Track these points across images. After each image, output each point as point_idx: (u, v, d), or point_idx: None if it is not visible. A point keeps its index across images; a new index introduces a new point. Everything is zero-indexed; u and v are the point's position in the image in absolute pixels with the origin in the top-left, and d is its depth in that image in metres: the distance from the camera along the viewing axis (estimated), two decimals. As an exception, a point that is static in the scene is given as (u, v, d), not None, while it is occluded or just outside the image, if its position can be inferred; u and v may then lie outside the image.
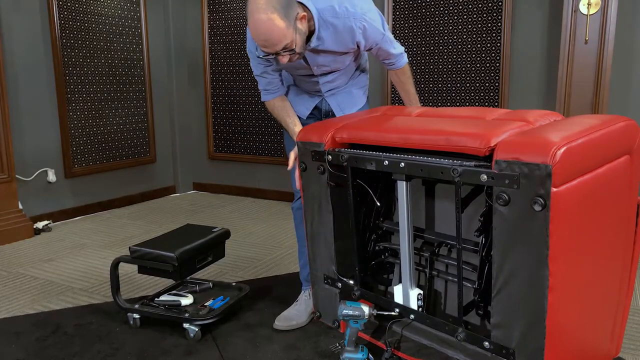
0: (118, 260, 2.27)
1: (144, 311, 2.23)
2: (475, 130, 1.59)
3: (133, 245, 2.23)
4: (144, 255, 2.18)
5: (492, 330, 1.60)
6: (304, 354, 2.02)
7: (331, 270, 2.10)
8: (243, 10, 4.54)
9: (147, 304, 2.29)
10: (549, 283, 1.41)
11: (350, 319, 1.82)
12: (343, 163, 1.88)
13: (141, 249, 2.20)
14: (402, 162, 1.70)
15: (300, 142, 2.05)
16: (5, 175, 3.45)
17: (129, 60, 4.42)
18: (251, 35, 1.81)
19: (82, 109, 4.09)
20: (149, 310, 2.22)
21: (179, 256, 2.12)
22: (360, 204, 2.02)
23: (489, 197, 1.61)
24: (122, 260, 2.25)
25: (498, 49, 3.57)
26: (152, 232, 3.64)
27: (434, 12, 3.77)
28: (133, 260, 2.22)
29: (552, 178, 1.34)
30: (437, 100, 3.85)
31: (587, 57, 3.13)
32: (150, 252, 2.17)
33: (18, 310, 2.44)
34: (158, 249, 2.17)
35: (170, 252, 2.12)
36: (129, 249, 2.22)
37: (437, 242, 1.97)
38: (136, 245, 2.23)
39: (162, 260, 2.14)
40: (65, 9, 3.89)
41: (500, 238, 1.50)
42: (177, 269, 2.13)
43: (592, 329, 1.70)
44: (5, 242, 3.43)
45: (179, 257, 2.12)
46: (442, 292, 2.04)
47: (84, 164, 4.14)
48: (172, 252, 2.12)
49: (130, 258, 2.22)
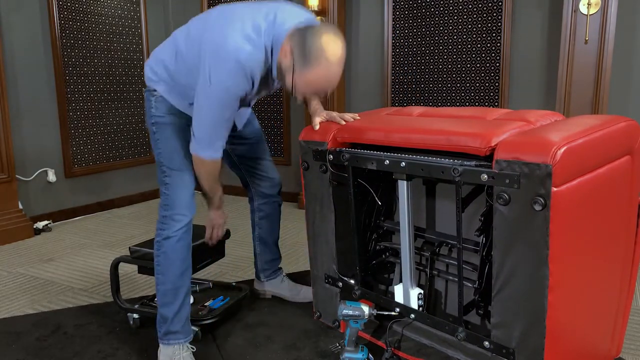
0: (118, 260, 2.26)
1: (144, 311, 2.22)
2: (476, 130, 1.60)
3: (133, 246, 2.23)
4: (144, 255, 2.17)
5: (492, 330, 1.60)
6: (304, 354, 2.02)
7: (332, 270, 2.11)
8: (243, 10, 4.54)
9: (147, 304, 2.28)
10: (549, 283, 1.42)
11: (350, 319, 1.82)
12: (344, 162, 1.88)
13: (141, 249, 2.19)
14: (402, 161, 1.70)
15: (302, 141, 2.05)
16: (5, 175, 3.45)
17: (129, 60, 4.42)
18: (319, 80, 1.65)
19: (82, 109, 4.09)
20: (149, 311, 2.21)
21: None
22: (361, 204, 2.03)
23: (489, 196, 1.61)
24: (122, 260, 2.25)
25: (498, 49, 3.57)
26: (152, 232, 3.62)
27: (434, 12, 3.77)
28: (133, 260, 2.21)
29: (553, 178, 1.34)
30: (437, 100, 3.85)
31: (587, 57, 3.13)
32: (151, 252, 2.15)
33: (18, 310, 2.44)
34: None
35: None
36: (129, 249, 2.22)
37: (438, 241, 1.97)
38: (136, 246, 2.23)
39: None
40: (65, 9, 3.89)
41: (500, 238, 1.50)
42: None
43: (592, 329, 1.70)
44: (5, 242, 3.42)
45: None
46: (443, 292, 2.04)
47: (84, 164, 4.14)
48: None
49: (130, 258, 2.22)
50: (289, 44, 1.65)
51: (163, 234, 1.89)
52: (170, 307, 1.88)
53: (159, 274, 1.89)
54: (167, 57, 1.89)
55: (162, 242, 1.89)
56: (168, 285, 1.88)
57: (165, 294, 1.88)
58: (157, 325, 1.91)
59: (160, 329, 1.89)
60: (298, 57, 1.63)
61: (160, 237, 1.89)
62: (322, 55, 1.60)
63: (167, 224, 1.89)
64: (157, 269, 1.90)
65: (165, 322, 1.88)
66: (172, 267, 1.88)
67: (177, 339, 1.89)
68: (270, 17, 1.71)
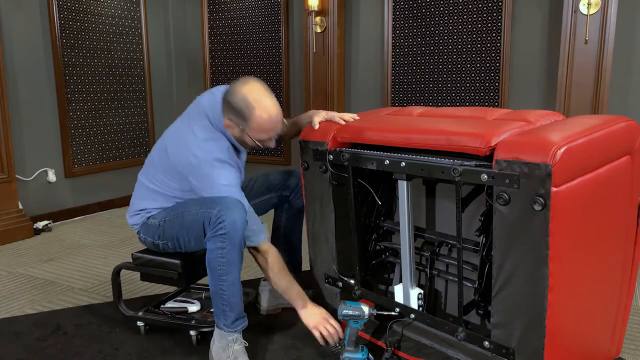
0: (119, 267, 2.19)
1: (148, 319, 2.17)
2: (476, 130, 1.59)
3: (136, 252, 2.16)
4: (147, 262, 2.10)
5: (492, 330, 1.60)
6: (304, 354, 2.02)
7: (332, 270, 2.11)
8: (243, 10, 4.54)
9: (152, 311, 2.23)
10: (549, 282, 1.42)
11: (350, 319, 1.82)
12: (344, 162, 1.88)
13: (144, 255, 2.11)
14: (402, 161, 1.70)
15: (302, 141, 2.06)
16: (5, 175, 3.45)
17: (129, 60, 4.42)
18: (259, 115, 1.85)
19: (82, 109, 4.09)
20: (154, 318, 2.17)
21: (184, 262, 2.03)
22: (361, 204, 2.03)
23: (489, 196, 1.61)
24: (124, 267, 2.19)
25: (498, 49, 3.57)
26: (152, 232, 3.64)
27: (434, 12, 3.77)
28: (136, 267, 2.14)
29: (552, 178, 1.34)
30: (437, 100, 3.85)
31: (587, 57, 3.13)
32: (154, 259, 2.09)
33: (18, 310, 2.44)
34: (162, 255, 2.08)
35: (174, 259, 2.04)
36: (132, 256, 2.16)
37: (438, 241, 1.97)
38: (139, 252, 2.15)
39: (166, 268, 2.06)
40: (65, 9, 3.89)
41: (500, 238, 1.50)
42: (182, 276, 2.04)
43: (592, 329, 1.69)
44: (5, 242, 3.42)
45: (184, 264, 2.03)
46: (443, 292, 2.04)
47: (84, 164, 4.14)
48: (176, 258, 2.04)
49: (133, 265, 2.15)
50: (226, 118, 1.91)
51: (223, 227, 1.84)
52: (238, 294, 1.89)
53: (224, 266, 1.85)
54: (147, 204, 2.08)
55: (225, 236, 1.83)
56: (236, 274, 1.87)
57: (234, 283, 1.87)
58: (220, 317, 1.90)
59: (228, 318, 1.89)
60: (238, 121, 1.88)
61: (222, 231, 1.83)
62: (249, 102, 1.84)
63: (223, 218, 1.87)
64: (221, 261, 1.85)
65: (233, 310, 1.89)
66: (236, 255, 1.86)
67: (243, 322, 1.92)
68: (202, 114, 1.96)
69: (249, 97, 1.85)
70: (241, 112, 1.86)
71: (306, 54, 4.18)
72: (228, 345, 1.88)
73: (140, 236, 2.11)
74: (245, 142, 1.96)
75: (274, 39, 4.45)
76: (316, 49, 4.11)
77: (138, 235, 2.13)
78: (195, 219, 1.89)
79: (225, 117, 1.92)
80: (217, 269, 1.85)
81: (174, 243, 2.01)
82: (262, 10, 4.46)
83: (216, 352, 1.90)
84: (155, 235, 2.03)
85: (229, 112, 1.90)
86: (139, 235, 2.12)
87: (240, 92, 1.86)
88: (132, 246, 3.35)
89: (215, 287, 1.87)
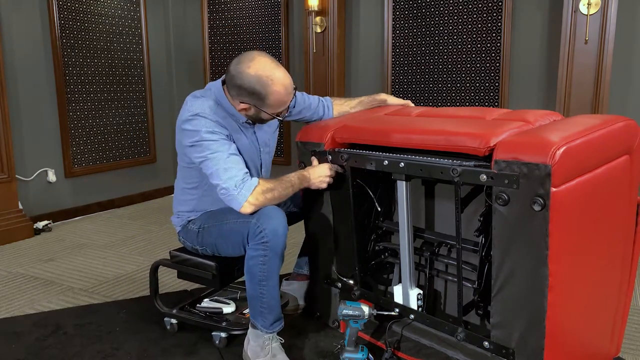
0: (157, 263, 2.20)
1: (182, 317, 2.17)
2: (475, 130, 1.59)
3: (173, 250, 2.16)
4: (184, 261, 2.11)
5: (492, 330, 1.60)
6: (304, 354, 2.02)
7: (331, 270, 2.11)
8: (243, 10, 4.54)
9: (187, 309, 2.23)
10: (549, 282, 1.42)
11: (350, 319, 1.82)
12: (343, 163, 1.88)
13: (181, 254, 2.12)
14: (401, 162, 1.70)
15: (299, 141, 2.06)
16: (5, 175, 3.45)
17: (129, 60, 4.42)
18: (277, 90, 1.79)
19: (82, 109, 4.09)
20: (186, 317, 2.17)
21: (219, 264, 2.03)
22: (360, 204, 2.02)
23: (488, 197, 1.61)
24: (162, 264, 2.19)
25: (498, 49, 3.57)
26: (152, 232, 3.64)
27: (434, 12, 3.77)
28: (173, 265, 2.15)
29: (552, 178, 1.34)
30: (437, 100, 3.85)
31: (587, 57, 3.13)
32: (190, 258, 2.10)
33: (18, 310, 2.44)
34: (198, 255, 2.08)
35: (210, 261, 2.04)
36: (170, 253, 2.17)
37: (437, 242, 1.97)
38: (176, 250, 2.16)
39: (202, 268, 2.06)
40: (65, 9, 3.89)
41: (499, 238, 1.50)
42: (216, 277, 2.05)
43: (592, 328, 1.70)
44: (5, 242, 3.42)
45: (219, 266, 2.03)
46: (442, 292, 2.04)
47: (84, 164, 4.14)
48: (212, 260, 2.04)
49: (171, 262, 2.16)
50: (239, 101, 1.84)
51: (265, 235, 1.82)
52: (277, 297, 1.89)
53: (265, 272, 1.84)
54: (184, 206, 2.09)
55: (267, 244, 1.82)
56: (275, 279, 1.87)
57: (274, 287, 1.87)
58: (259, 319, 1.90)
59: (267, 320, 1.89)
60: (254, 101, 1.82)
61: (264, 239, 1.81)
62: (262, 81, 1.77)
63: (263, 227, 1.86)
64: (262, 268, 1.84)
65: (272, 312, 1.89)
66: (277, 262, 1.86)
67: (280, 324, 1.93)
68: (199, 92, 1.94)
69: (261, 75, 1.77)
70: (256, 92, 1.79)
71: (306, 54, 4.18)
72: (265, 344, 1.90)
73: (180, 238, 2.13)
74: (261, 118, 1.91)
75: (274, 39, 4.45)
76: (316, 49, 4.11)
77: (178, 236, 2.13)
78: (234, 228, 1.88)
79: (237, 100, 1.85)
80: (257, 275, 1.84)
81: (213, 249, 2.02)
82: (262, 10, 4.46)
83: (253, 351, 1.90)
84: (194, 241, 2.06)
85: (241, 95, 1.82)
86: (179, 236, 2.13)
87: (248, 72, 1.78)
88: (132, 246, 3.36)
89: (255, 291, 1.87)
